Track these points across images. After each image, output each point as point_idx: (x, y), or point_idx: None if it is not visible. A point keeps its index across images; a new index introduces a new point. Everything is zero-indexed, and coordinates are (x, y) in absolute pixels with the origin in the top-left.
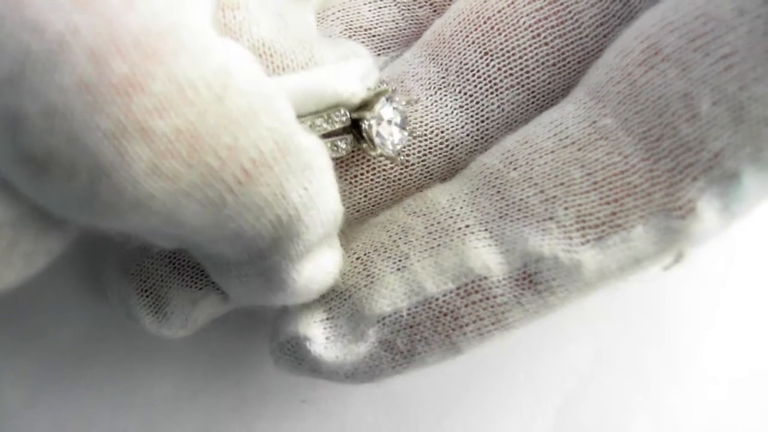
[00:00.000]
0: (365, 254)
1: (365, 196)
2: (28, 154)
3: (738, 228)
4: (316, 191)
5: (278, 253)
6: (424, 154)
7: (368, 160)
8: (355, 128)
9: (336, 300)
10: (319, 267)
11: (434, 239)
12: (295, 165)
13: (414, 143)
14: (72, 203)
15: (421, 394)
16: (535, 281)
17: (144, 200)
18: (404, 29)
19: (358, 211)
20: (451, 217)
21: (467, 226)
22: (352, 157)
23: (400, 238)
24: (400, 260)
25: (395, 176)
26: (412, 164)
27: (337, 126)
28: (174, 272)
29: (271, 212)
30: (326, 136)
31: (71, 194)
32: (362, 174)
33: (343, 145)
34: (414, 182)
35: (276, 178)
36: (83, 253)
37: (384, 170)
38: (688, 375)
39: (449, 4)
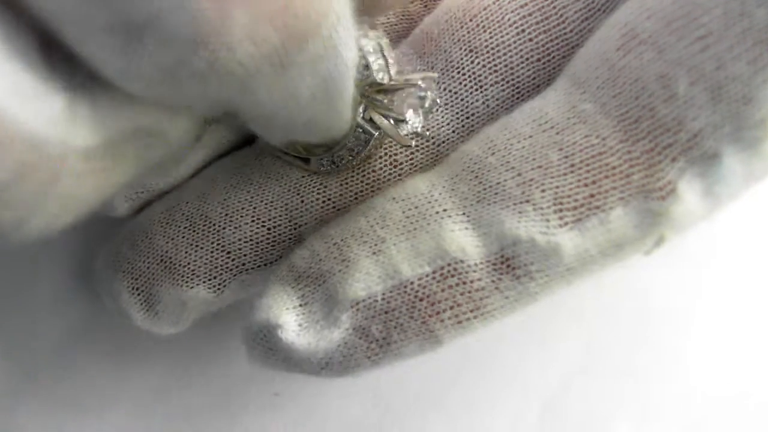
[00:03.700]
0: (342, 239)
1: (355, 199)
2: (125, 20)
3: (729, 225)
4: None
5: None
6: (412, 153)
7: (358, 164)
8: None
9: (310, 286)
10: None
11: (411, 223)
12: (344, 23)
13: None
14: (155, 73)
15: (407, 388)
16: (513, 266)
17: (233, 68)
18: (395, 24)
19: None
20: (429, 202)
21: (444, 210)
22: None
23: (377, 223)
24: (376, 244)
25: (385, 177)
26: (401, 163)
27: (371, 42)
28: (165, 271)
29: (325, 70)
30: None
31: (157, 63)
32: (353, 177)
33: (378, 61)
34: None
35: (331, 36)
36: (75, 249)
37: (374, 172)
38: (675, 372)
39: (440, 1)
